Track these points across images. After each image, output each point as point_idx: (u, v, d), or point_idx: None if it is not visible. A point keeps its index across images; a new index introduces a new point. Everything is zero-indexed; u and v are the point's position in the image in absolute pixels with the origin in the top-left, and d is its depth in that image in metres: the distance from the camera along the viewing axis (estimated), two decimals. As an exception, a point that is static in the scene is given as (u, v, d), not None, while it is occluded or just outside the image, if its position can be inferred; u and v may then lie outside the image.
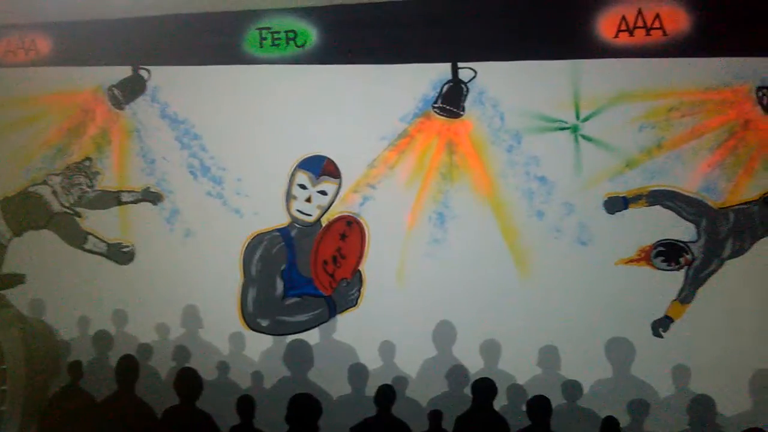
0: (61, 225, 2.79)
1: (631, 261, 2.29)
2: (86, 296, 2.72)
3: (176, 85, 2.69)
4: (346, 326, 2.52)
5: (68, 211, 2.78)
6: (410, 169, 2.49)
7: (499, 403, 2.12)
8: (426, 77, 2.46)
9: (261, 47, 2.58)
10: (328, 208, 2.53)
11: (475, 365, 2.36)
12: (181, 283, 2.66)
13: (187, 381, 2.54)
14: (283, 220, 2.59)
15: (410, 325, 2.43)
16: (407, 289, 2.47)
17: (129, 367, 2.56)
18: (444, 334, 2.43)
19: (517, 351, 2.35)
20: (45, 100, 2.82)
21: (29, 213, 2.82)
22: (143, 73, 2.72)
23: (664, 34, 2.24)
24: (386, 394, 2.06)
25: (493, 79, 2.41)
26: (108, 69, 2.74)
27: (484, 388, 2.05)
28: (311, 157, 2.57)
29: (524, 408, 2.06)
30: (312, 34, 2.54)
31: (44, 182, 2.82)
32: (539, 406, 1.97)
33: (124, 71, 2.73)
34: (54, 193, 2.81)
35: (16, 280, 2.58)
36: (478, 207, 2.42)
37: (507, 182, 2.40)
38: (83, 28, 2.74)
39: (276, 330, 2.58)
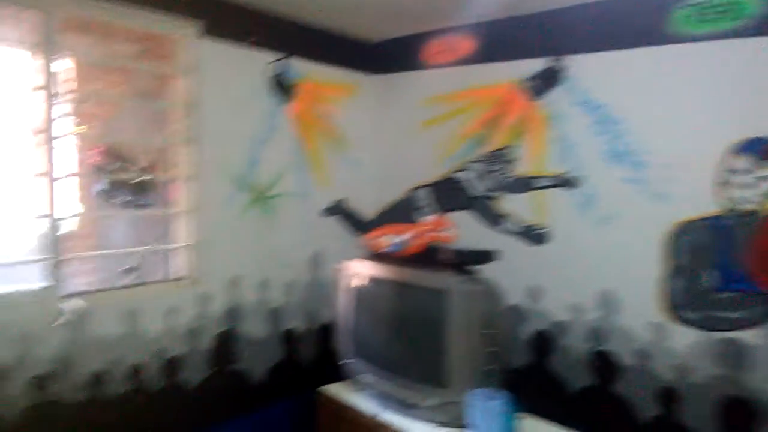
0: (480, 207, 3.11)
1: None
2: (502, 272, 3.01)
3: (593, 71, 2.70)
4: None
5: (487, 194, 3.09)
6: None
7: None
8: None
9: (691, 24, 2.40)
10: (772, 195, 2.25)
11: None
12: (596, 266, 2.71)
13: (604, 363, 2.59)
14: (713, 208, 2.40)
15: None
16: None
17: (543, 342, 2.74)
18: None
19: None
20: (467, 95, 3.18)
21: (452, 196, 3.24)
22: (559, 63, 2.80)
23: None
24: None
25: None
26: (524, 62, 2.92)
27: None
28: (752, 139, 2.30)
29: None
30: (751, 5, 2.25)
31: (466, 169, 3.18)
32: None
33: (540, 63, 2.87)
34: (474, 178, 3.15)
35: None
36: None
37: None
38: (501, 26, 3.00)
39: (705, 324, 2.43)
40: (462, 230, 3.15)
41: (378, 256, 2.58)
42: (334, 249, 3.42)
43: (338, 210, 3.45)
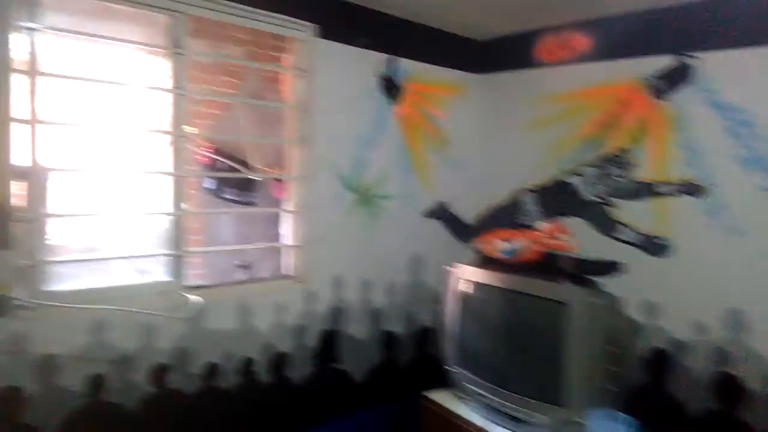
0: (594, 214, 2.95)
1: None
2: (617, 284, 2.83)
3: (726, 70, 2.48)
4: None
5: (600, 200, 2.92)
6: None
7: None
8: None
9: None
10: None
11: None
12: (724, 282, 2.49)
13: (729, 388, 2.39)
14: None
15: None
16: None
17: (661, 361, 2.55)
18: None
19: None
20: (582, 95, 3.03)
21: (562, 201, 3.09)
22: (688, 60, 2.60)
23: None
24: None
25: None
26: (648, 59, 2.74)
27: None
28: None
29: None
30: None
31: (579, 173, 3.03)
32: None
33: (666, 60, 2.68)
34: (587, 183, 2.99)
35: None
36: None
37: None
38: (624, 21, 2.83)
39: None
40: (572, 238, 3.00)
41: (488, 262, 2.49)
42: (435, 252, 3.38)
43: (440, 213, 3.40)
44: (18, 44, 1.98)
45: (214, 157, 3.82)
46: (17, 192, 2.03)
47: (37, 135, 2.05)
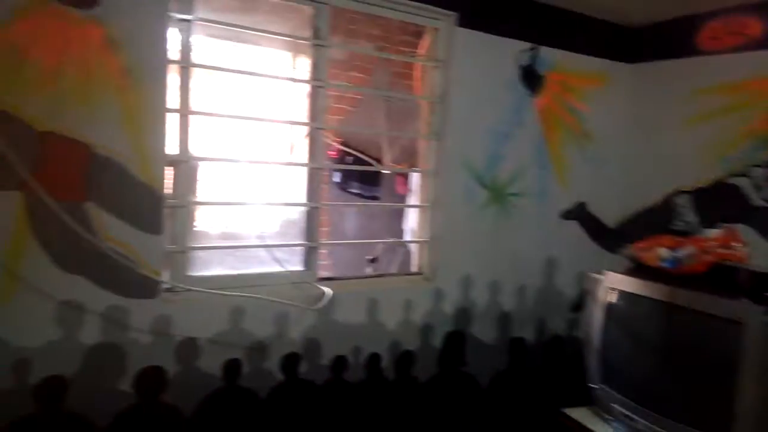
0: (763, 220, 2.57)
1: None
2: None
3: None
4: None
5: (772, 206, 2.54)
6: None
7: None
8: None
9: None
10: None
11: None
12: None
13: None
14: None
15: None
16: None
17: None
18: None
19: None
20: (752, 87, 2.65)
21: (725, 205, 2.74)
22: None
23: None
24: None
25: None
26: None
27: None
28: None
29: None
30: None
31: (746, 174, 2.66)
32: None
33: None
34: (756, 185, 2.62)
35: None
36: None
37: None
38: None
39: None
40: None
41: (644, 271, 2.24)
42: (571, 256, 3.14)
43: (578, 214, 3.15)
44: (173, 37, 2.06)
45: (345, 149, 3.85)
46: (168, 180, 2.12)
47: (188, 125, 2.12)
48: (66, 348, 1.92)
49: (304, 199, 2.46)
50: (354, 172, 4.11)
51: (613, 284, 2.25)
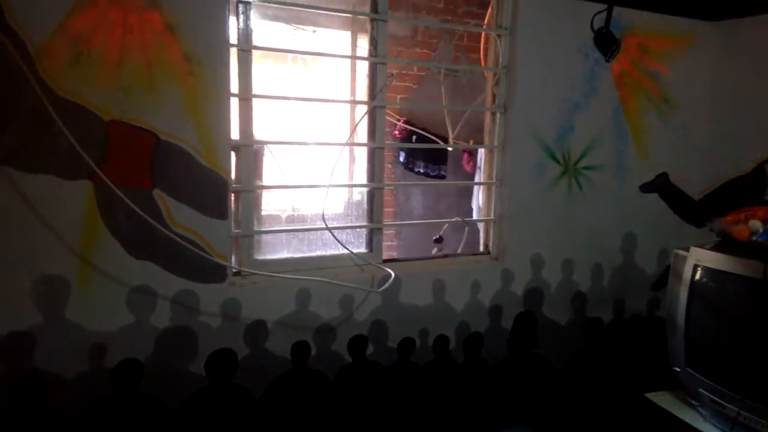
0: None
1: None
2: None
3: None
4: None
5: None
6: None
7: None
8: None
9: None
10: None
11: None
12: None
13: None
14: None
15: None
16: None
17: None
18: None
19: None
20: None
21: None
22: None
23: None
24: None
25: None
26: None
27: None
28: None
29: None
30: None
31: None
32: None
33: None
34: None
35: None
36: None
37: None
38: None
39: None
40: None
41: (734, 246, 2.05)
42: (652, 232, 2.94)
43: (660, 186, 2.94)
44: (233, 21, 2.04)
45: (409, 128, 3.77)
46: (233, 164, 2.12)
47: (251, 109, 2.11)
48: (139, 332, 1.97)
49: (365, 180, 2.42)
50: (419, 151, 4.02)
51: (700, 261, 2.07)
